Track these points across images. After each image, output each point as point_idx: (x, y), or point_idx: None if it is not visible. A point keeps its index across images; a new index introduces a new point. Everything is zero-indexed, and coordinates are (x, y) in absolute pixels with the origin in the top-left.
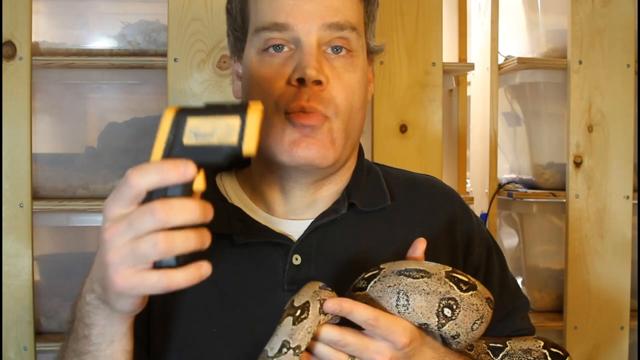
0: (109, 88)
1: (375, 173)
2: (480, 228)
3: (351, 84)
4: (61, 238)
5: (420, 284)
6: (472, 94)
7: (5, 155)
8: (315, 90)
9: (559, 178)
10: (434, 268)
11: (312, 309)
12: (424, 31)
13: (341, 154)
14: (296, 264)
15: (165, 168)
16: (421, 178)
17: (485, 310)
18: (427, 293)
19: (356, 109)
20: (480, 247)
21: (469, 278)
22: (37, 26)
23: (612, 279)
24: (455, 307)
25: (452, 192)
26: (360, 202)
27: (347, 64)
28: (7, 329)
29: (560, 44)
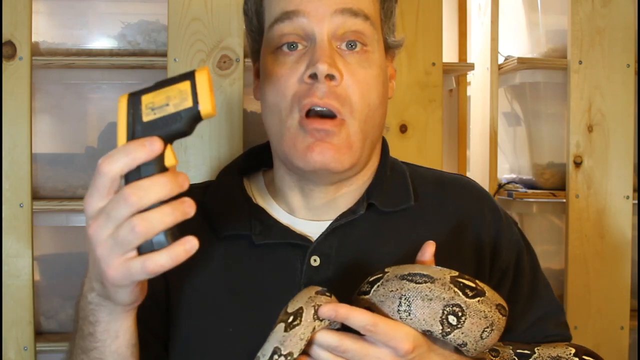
0: (109, 88)
1: (401, 172)
2: (510, 230)
3: (367, 80)
4: (61, 238)
5: (423, 290)
6: (472, 94)
7: (5, 155)
8: (330, 86)
9: (559, 178)
10: (439, 273)
11: (306, 315)
12: (424, 31)
13: (360, 156)
14: (314, 266)
15: (131, 148)
16: (451, 178)
17: (496, 318)
18: (429, 299)
19: (374, 107)
20: (509, 251)
21: (476, 284)
22: (37, 26)
23: (612, 279)
24: (461, 315)
25: (482, 192)
26: (380, 202)
27: (362, 60)
28: (7, 329)
29: (560, 44)
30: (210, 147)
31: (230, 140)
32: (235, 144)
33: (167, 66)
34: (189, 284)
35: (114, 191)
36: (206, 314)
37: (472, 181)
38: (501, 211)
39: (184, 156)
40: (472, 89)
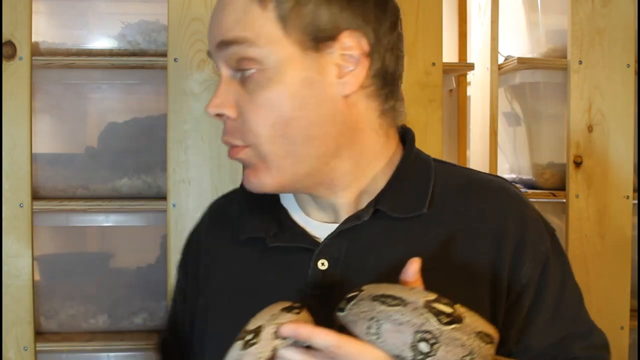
0: (109, 88)
1: (424, 176)
2: (538, 241)
3: (267, 102)
4: (61, 238)
5: (393, 313)
6: (472, 94)
7: (5, 155)
8: (226, 123)
9: (559, 178)
10: (414, 295)
11: (265, 333)
12: (424, 31)
13: (290, 170)
14: (322, 269)
15: None
16: (482, 181)
17: (476, 346)
18: (399, 323)
19: (284, 123)
20: (533, 262)
21: (455, 309)
22: (37, 26)
23: (612, 279)
24: (434, 342)
25: (512, 197)
26: (390, 208)
27: (260, 81)
28: (7, 329)
29: (560, 44)
30: (210, 147)
31: None
32: None
33: (167, 66)
34: (211, 288)
35: None
36: (222, 318)
37: (506, 184)
38: (530, 219)
39: (184, 156)
40: (472, 89)
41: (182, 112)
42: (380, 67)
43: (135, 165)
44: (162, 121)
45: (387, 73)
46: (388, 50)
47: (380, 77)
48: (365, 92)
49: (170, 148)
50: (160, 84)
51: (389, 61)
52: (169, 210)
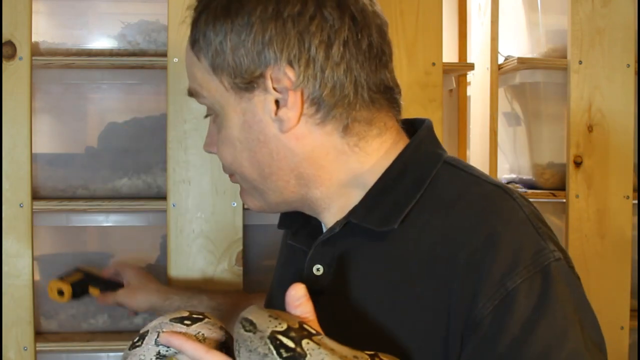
0: (109, 88)
1: (411, 186)
2: (511, 271)
3: (225, 140)
4: (61, 238)
5: (246, 338)
6: (472, 94)
7: (5, 155)
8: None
9: (559, 178)
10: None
11: (148, 339)
12: (424, 31)
13: (268, 202)
14: (317, 274)
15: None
16: (473, 191)
17: None
18: (250, 350)
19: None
20: (491, 298)
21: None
22: (37, 26)
23: (612, 279)
24: None
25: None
26: (361, 219)
27: (218, 124)
28: (7, 329)
29: (560, 44)
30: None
31: None
32: None
33: (167, 66)
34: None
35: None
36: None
37: (499, 194)
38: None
39: (184, 156)
40: (472, 89)
41: (182, 112)
42: (320, 88)
43: (135, 165)
44: (162, 121)
45: (335, 90)
46: (330, 66)
47: (327, 97)
48: (312, 120)
49: (170, 148)
50: (160, 84)
51: (333, 77)
52: (169, 210)
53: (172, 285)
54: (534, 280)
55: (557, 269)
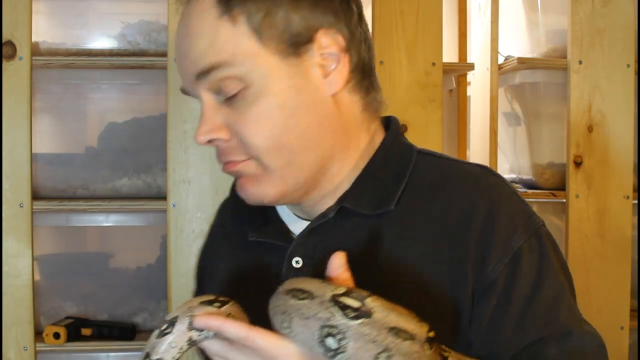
0: (109, 88)
1: (398, 170)
2: (510, 235)
3: (259, 115)
4: (61, 238)
5: (301, 307)
6: (472, 94)
7: (5, 155)
8: (220, 146)
9: (559, 178)
10: (322, 289)
11: (179, 324)
12: (424, 31)
13: (291, 177)
14: (296, 267)
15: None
16: (456, 175)
17: (390, 342)
18: (306, 318)
19: (280, 131)
20: (500, 259)
21: (364, 303)
22: (37, 26)
23: (612, 279)
24: (341, 337)
25: (483, 189)
26: (355, 204)
27: (245, 99)
28: (7, 329)
29: (560, 44)
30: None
31: None
32: None
33: (167, 66)
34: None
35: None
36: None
37: (482, 176)
38: (501, 212)
39: (184, 156)
40: (472, 89)
41: (182, 112)
42: (358, 59)
43: (135, 165)
44: (162, 121)
45: (365, 65)
46: (361, 41)
47: (360, 69)
48: (347, 87)
49: (170, 148)
50: (160, 84)
51: (364, 52)
52: (169, 210)
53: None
54: (531, 242)
55: (545, 232)
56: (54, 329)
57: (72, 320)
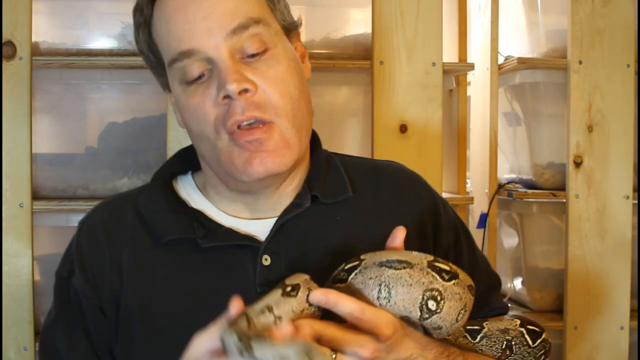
0: (109, 88)
1: (334, 164)
2: (446, 211)
3: (279, 77)
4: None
5: (402, 275)
6: (472, 94)
7: (5, 155)
8: (247, 99)
9: (559, 178)
10: (416, 258)
11: (301, 292)
12: (424, 31)
13: (299, 150)
14: (266, 265)
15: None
16: (384, 165)
17: (468, 299)
18: (409, 285)
19: (296, 98)
20: (448, 230)
21: (450, 266)
22: (37, 26)
23: (612, 279)
24: (440, 299)
25: (416, 177)
26: (322, 194)
27: (269, 59)
28: (7, 329)
29: (560, 44)
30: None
31: None
32: None
33: None
34: (138, 297)
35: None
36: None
37: (404, 167)
38: (435, 193)
39: None
40: (472, 89)
41: None
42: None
43: (135, 165)
44: (162, 121)
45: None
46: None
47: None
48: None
49: (170, 148)
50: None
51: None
52: None
53: None
54: (450, 208)
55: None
56: None
57: None
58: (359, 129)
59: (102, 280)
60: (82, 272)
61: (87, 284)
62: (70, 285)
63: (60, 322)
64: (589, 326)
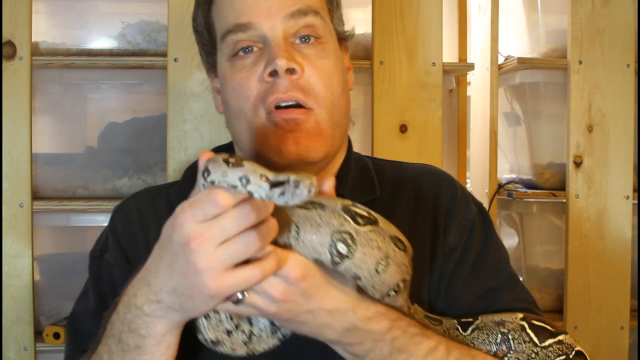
0: (109, 88)
1: (365, 165)
2: (465, 210)
3: (327, 69)
4: (61, 238)
5: (312, 216)
6: (472, 94)
7: (5, 155)
8: (292, 80)
9: (559, 178)
10: (332, 201)
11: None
12: (424, 31)
13: (331, 144)
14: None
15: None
16: (413, 167)
17: (390, 250)
18: (318, 225)
19: (338, 95)
20: (461, 229)
21: (370, 213)
22: (37, 26)
23: (612, 279)
24: (351, 242)
25: (442, 177)
26: (348, 193)
27: (319, 51)
28: (7, 329)
29: (560, 44)
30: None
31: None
32: None
33: (167, 66)
34: None
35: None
36: None
37: (435, 168)
38: (457, 196)
39: (184, 156)
40: (472, 89)
41: (182, 112)
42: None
43: (135, 165)
44: (162, 121)
45: None
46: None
47: None
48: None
49: (170, 148)
50: (160, 84)
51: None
52: None
53: None
54: (479, 215)
55: (488, 214)
56: (54, 329)
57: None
58: (359, 128)
59: (134, 256)
60: (116, 248)
61: (121, 256)
62: (103, 261)
63: (90, 295)
64: (589, 326)
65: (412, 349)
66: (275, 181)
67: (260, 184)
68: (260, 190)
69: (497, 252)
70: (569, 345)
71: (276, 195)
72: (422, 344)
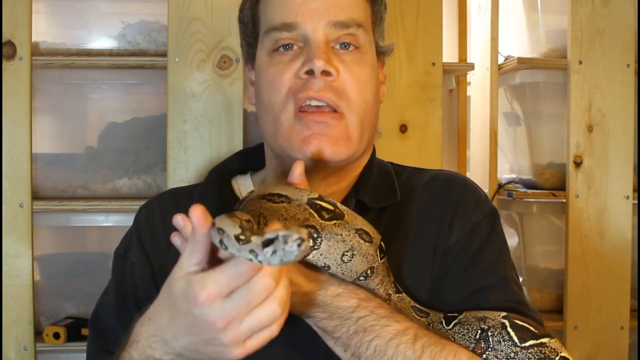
0: (109, 88)
1: (386, 171)
2: (472, 212)
3: (362, 77)
4: (61, 238)
5: (279, 209)
6: (472, 94)
7: (5, 155)
8: (326, 81)
9: (559, 178)
10: (298, 194)
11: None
12: (424, 31)
13: (357, 149)
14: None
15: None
16: (432, 173)
17: (355, 242)
18: (284, 219)
19: (370, 104)
20: (463, 231)
21: (335, 207)
22: (37, 26)
23: (612, 279)
24: (316, 236)
25: (459, 183)
26: (368, 198)
27: (357, 59)
28: (7, 329)
29: (560, 44)
30: (211, 147)
31: (230, 141)
32: (235, 144)
33: (167, 66)
34: None
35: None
36: None
37: (452, 173)
38: (466, 200)
39: (184, 156)
40: (472, 89)
41: (182, 112)
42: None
43: (135, 165)
44: (162, 121)
45: None
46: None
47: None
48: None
49: (170, 148)
50: (160, 84)
51: None
52: None
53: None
54: (487, 220)
55: (499, 221)
56: (54, 329)
57: (72, 320)
58: None
59: (155, 255)
60: (139, 247)
61: (143, 255)
62: (127, 260)
63: (113, 293)
64: (589, 326)
65: (378, 330)
66: (265, 240)
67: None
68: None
69: (495, 255)
70: (552, 349)
71: (268, 256)
72: (389, 326)
